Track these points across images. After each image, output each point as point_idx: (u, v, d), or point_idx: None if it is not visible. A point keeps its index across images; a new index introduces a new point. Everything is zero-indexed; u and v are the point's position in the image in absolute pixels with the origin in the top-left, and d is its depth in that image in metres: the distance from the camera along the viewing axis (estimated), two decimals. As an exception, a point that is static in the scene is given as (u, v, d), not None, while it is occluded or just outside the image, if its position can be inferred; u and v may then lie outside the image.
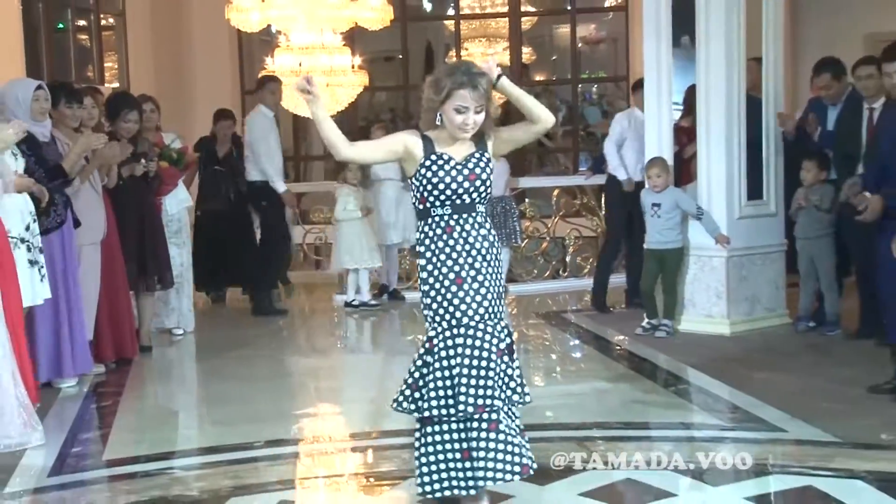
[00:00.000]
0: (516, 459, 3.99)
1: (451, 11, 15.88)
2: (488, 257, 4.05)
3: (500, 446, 3.96)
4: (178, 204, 8.36)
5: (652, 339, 7.79)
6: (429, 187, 4.04)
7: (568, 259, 10.90)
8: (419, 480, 4.12)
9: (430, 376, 4.02)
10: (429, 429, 4.07)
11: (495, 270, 4.08)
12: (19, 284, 5.74)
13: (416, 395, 4.09)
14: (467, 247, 4.03)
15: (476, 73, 4.00)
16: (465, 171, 4.04)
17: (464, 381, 3.94)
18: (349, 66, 11.06)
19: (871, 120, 7.18)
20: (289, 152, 16.01)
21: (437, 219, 4.07)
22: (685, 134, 8.35)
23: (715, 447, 5.20)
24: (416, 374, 4.10)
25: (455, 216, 4.05)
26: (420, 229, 4.13)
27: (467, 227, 4.05)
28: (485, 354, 3.95)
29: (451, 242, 4.04)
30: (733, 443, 5.27)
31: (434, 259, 4.05)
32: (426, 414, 4.04)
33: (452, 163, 4.04)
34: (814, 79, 7.92)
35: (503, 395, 3.99)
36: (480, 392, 3.93)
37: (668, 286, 7.98)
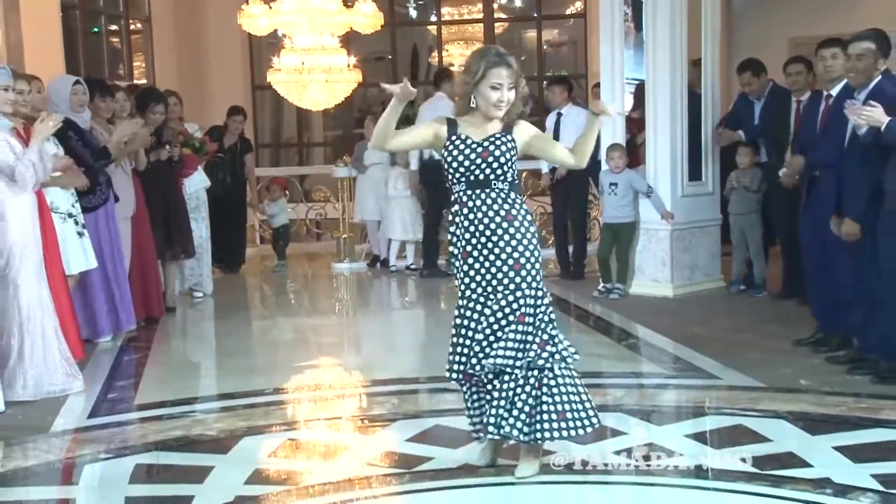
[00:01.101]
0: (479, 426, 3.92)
1: (433, 18, 15.85)
2: (499, 231, 3.77)
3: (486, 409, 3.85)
4: (197, 185, 8.31)
5: (607, 300, 7.80)
6: (448, 165, 3.84)
7: (534, 231, 10.85)
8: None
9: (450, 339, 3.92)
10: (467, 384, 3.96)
11: (506, 245, 3.76)
12: (60, 254, 5.69)
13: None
14: (476, 222, 3.78)
15: (504, 53, 3.83)
16: (479, 150, 3.79)
17: (466, 347, 3.82)
18: (345, 65, 10.97)
19: (799, 111, 7.16)
20: (293, 139, 16.00)
21: (457, 195, 3.86)
22: (635, 124, 8.35)
23: (660, 392, 5.26)
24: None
25: (469, 192, 3.81)
26: (451, 206, 3.94)
27: (478, 202, 3.79)
28: (473, 325, 3.79)
29: (460, 218, 3.84)
30: (675, 389, 5.31)
31: (457, 232, 3.86)
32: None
33: (469, 141, 3.80)
34: (739, 77, 7.93)
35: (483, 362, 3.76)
36: (487, 355, 3.75)
37: (621, 255, 7.98)
